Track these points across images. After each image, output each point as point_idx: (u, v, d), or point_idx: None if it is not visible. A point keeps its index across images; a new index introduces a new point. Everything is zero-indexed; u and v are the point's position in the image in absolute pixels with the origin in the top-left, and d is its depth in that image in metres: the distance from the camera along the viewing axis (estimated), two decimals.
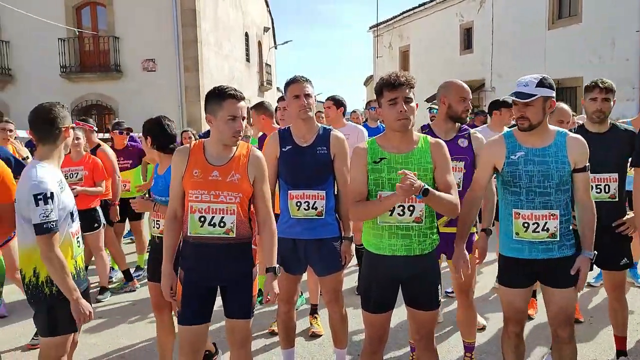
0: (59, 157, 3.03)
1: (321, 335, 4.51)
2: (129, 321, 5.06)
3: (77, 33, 18.99)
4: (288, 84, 3.46)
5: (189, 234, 2.88)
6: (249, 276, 2.96)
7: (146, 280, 4.10)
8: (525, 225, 2.95)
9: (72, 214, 2.99)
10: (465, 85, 3.61)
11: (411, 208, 2.81)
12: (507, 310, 3.13)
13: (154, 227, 3.63)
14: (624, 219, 3.61)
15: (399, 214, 2.82)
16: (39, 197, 2.73)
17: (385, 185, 2.82)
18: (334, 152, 3.47)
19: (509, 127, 4.28)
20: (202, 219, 2.83)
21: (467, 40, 23.67)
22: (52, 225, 2.75)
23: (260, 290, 3.78)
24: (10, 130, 6.00)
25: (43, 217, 2.73)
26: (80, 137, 5.42)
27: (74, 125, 3.77)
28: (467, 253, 3.20)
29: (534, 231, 2.94)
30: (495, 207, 3.34)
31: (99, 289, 5.77)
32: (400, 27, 29.38)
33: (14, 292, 5.29)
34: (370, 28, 32.04)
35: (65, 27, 18.50)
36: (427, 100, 18.36)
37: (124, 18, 18.93)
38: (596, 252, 3.01)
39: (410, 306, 2.97)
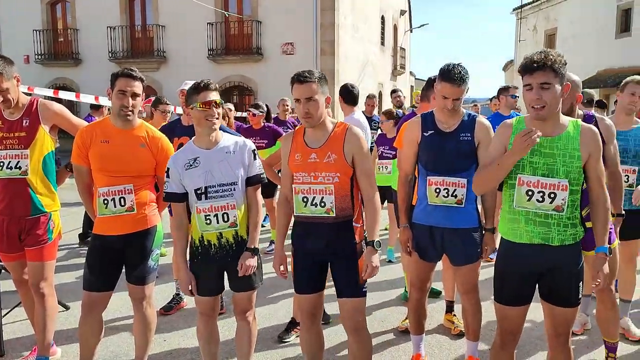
0: None
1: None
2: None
3: (224, 17, 20.13)
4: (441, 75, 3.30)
5: (295, 214, 3.06)
6: (353, 254, 3.00)
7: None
8: None
9: None
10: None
11: (552, 195, 2.61)
12: None
13: None
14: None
15: (537, 200, 2.63)
16: (255, 151, 3.17)
17: (526, 168, 2.65)
18: (478, 139, 3.32)
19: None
20: (305, 200, 2.98)
21: (625, 22, 21.47)
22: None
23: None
24: (170, 112, 6.36)
25: (260, 169, 3.15)
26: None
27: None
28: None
29: None
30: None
31: None
32: (547, 8, 27.46)
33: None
34: (514, 10, 30.39)
35: (214, 8, 19.68)
36: None
37: (268, 3, 19.73)
38: None
39: (546, 301, 2.79)
